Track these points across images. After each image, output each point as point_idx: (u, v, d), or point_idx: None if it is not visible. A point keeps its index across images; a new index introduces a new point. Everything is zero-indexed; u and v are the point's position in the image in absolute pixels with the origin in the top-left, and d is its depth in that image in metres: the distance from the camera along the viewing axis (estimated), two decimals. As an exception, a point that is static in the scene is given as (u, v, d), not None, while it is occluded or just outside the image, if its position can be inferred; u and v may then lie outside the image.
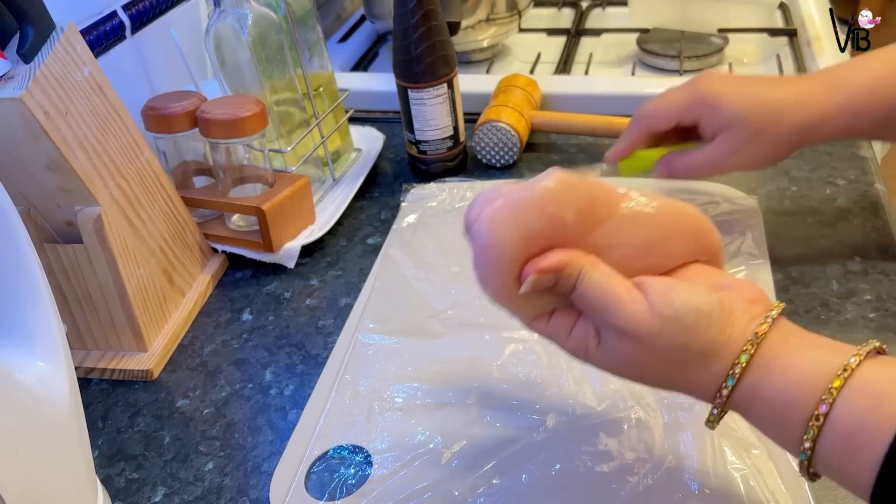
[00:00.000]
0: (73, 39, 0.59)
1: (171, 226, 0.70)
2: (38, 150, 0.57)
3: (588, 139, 0.88)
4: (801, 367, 0.39)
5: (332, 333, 0.66)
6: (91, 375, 0.65)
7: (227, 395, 0.62)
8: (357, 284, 0.71)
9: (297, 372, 0.64)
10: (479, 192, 0.44)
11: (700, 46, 1.04)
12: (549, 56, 1.11)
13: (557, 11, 1.24)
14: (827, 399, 0.37)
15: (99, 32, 0.82)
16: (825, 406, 0.37)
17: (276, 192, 0.73)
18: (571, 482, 0.51)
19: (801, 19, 1.04)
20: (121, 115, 0.63)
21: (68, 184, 0.59)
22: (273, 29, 0.73)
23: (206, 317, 0.71)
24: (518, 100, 0.86)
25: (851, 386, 0.37)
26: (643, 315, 0.41)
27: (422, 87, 0.78)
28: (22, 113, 0.54)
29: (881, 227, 0.69)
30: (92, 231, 0.61)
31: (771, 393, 0.40)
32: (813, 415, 0.38)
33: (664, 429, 0.53)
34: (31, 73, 0.55)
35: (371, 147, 0.87)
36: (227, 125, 0.69)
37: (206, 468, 0.57)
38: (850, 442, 0.37)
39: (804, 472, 0.39)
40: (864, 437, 0.36)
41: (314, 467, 0.54)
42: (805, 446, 0.38)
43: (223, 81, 0.76)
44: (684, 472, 0.50)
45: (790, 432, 0.39)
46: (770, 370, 0.40)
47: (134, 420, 0.61)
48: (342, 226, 0.80)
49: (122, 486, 0.56)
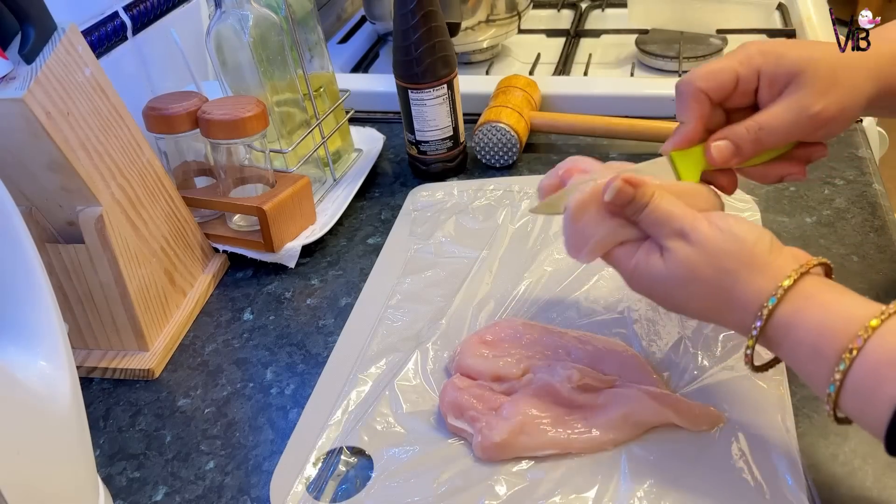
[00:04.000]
0: (75, 40, 0.59)
1: (172, 226, 0.70)
2: (40, 150, 0.57)
3: (587, 139, 0.88)
4: (842, 305, 0.43)
5: (333, 333, 0.67)
6: (92, 375, 0.66)
7: (227, 395, 0.63)
8: (357, 284, 0.72)
9: (298, 371, 0.64)
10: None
11: (699, 47, 1.04)
12: (549, 57, 1.11)
13: (557, 13, 1.24)
14: (863, 335, 0.40)
15: (100, 33, 0.83)
16: (860, 340, 0.40)
17: (276, 192, 0.73)
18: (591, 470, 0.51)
19: (799, 20, 1.05)
20: (122, 115, 0.64)
21: (70, 184, 0.59)
22: (274, 30, 0.73)
23: (207, 316, 0.71)
24: (517, 100, 0.86)
25: (888, 326, 0.41)
26: (703, 224, 0.47)
27: (422, 87, 0.78)
28: (23, 113, 0.54)
29: (879, 227, 0.70)
30: (93, 231, 0.61)
31: (810, 322, 0.43)
32: (847, 347, 0.41)
33: None
34: (32, 73, 0.55)
35: (371, 147, 0.88)
36: (228, 126, 0.70)
37: (206, 467, 0.57)
38: (875, 375, 0.40)
39: (830, 410, 0.42)
40: (889, 371, 0.39)
41: (315, 467, 0.54)
42: (835, 378, 0.41)
43: (224, 82, 0.76)
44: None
45: (823, 364, 0.42)
46: (811, 302, 0.44)
47: (135, 419, 0.62)
48: (342, 226, 0.80)
49: (123, 484, 0.56)
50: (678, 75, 1.01)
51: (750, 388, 0.55)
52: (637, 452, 0.52)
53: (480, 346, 0.59)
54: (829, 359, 0.42)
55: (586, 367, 0.56)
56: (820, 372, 0.42)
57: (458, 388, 0.56)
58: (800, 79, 0.50)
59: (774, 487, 0.49)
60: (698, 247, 0.47)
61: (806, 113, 0.50)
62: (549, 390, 0.55)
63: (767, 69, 0.51)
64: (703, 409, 0.53)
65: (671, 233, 0.48)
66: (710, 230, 0.47)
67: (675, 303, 0.50)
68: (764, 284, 0.45)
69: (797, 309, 0.44)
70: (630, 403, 0.53)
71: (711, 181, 0.54)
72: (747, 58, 0.52)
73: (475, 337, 0.60)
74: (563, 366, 0.56)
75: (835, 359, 0.41)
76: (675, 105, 0.54)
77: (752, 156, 0.52)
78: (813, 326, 0.43)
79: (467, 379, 0.57)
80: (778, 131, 0.51)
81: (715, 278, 0.46)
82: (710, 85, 0.52)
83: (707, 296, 0.47)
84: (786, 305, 0.44)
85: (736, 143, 0.52)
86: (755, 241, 0.46)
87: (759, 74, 0.51)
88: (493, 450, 0.52)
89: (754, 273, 0.46)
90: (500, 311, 0.65)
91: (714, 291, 0.47)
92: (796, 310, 0.44)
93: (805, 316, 0.44)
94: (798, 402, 0.54)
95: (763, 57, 0.51)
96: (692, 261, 0.47)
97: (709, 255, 0.46)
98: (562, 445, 0.52)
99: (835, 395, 0.41)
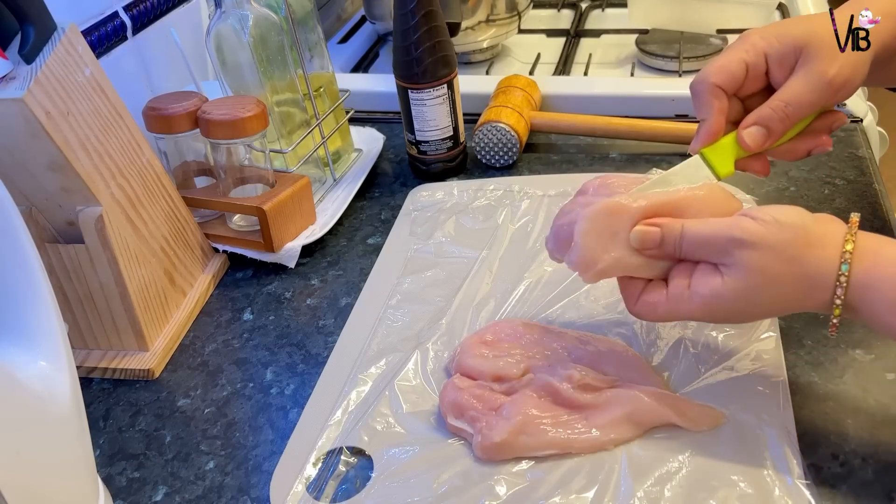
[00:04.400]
0: (75, 40, 0.59)
1: (172, 226, 0.70)
2: (40, 150, 0.57)
3: (587, 139, 0.88)
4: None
5: (333, 333, 0.67)
6: (92, 375, 0.66)
7: (227, 395, 0.63)
8: (357, 284, 0.72)
9: (298, 371, 0.64)
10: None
11: (699, 47, 1.04)
12: (549, 57, 1.11)
13: (557, 12, 1.24)
14: None
15: (100, 33, 0.83)
16: None
17: (276, 192, 0.73)
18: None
19: (800, 20, 1.05)
20: (122, 115, 0.64)
21: (70, 184, 0.59)
22: (274, 30, 0.73)
23: (207, 316, 0.71)
24: (518, 100, 0.86)
25: None
26: (751, 224, 0.47)
27: (422, 87, 0.78)
28: (23, 113, 0.54)
29: (880, 227, 0.70)
30: (93, 231, 0.61)
31: (887, 277, 0.45)
32: None
33: None
34: (32, 73, 0.55)
35: (371, 147, 0.88)
36: (227, 126, 0.70)
37: (206, 467, 0.57)
38: None
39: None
40: None
41: (315, 467, 0.54)
42: None
43: (224, 82, 0.76)
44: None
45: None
46: (880, 258, 0.45)
47: (135, 419, 0.62)
48: (342, 226, 0.80)
49: (123, 485, 0.56)
50: (678, 75, 1.01)
51: (750, 388, 0.55)
52: (637, 452, 0.52)
53: (480, 346, 0.59)
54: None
55: (586, 367, 0.56)
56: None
57: (458, 388, 0.56)
58: (807, 50, 0.52)
59: (775, 487, 0.49)
60: (760, 248, 0.46)
61: (823, 79, 0.52)
62: (550, 390, 0.55)
63: (773, 50, 0.53)
64: (703, 409, 0.53)
65: (724, 247, 0.48)
66: (760, 227, 0.47)
67: (757, 311, 0.50)
68: (830, 255, 0.46)
69: (868, 268, 0.45)
70: (630, 403, 0.53)
71: (746, 168, 0.56)
72: (751, 45, 0.54)
73: (475, 337, 0.60)
74: (564, 366, 0.56)
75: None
76: (693, 105, 0.55)
77: (782, 134, 0.54)
78: (890, 281, 0.45)
79: (467, 379, 0.57)
80: (802, 103, 0.52)
81: (788, 271, 0.47)
82: (723, 78, 0.54)
83: (787, 291, 0.47)
84: (857, 267, 0.45)
85: (766, 125, 0.53)
86: (803, 220, 0.47)
87: (766, 57, 0.53)
88: (493, 450, 0.52)
89: (816, 249, 0.46)
90: (500, 311, 0.65)
91: (792, 284, 0.47)
92: (868, 269, 0.45)
93: (879, 273, 0.45)
94: (798, 401, 0.54)
95: (765, 41, 0.53)
96: (762, 263, 0.47)
97: (774, 251, 0.46)
98: (562, 445, 0.52)
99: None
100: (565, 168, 0.85)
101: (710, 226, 0.49)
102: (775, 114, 0.53)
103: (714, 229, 0.48)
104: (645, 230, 0.50)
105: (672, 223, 0.50)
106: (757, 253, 0.46)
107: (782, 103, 0.52)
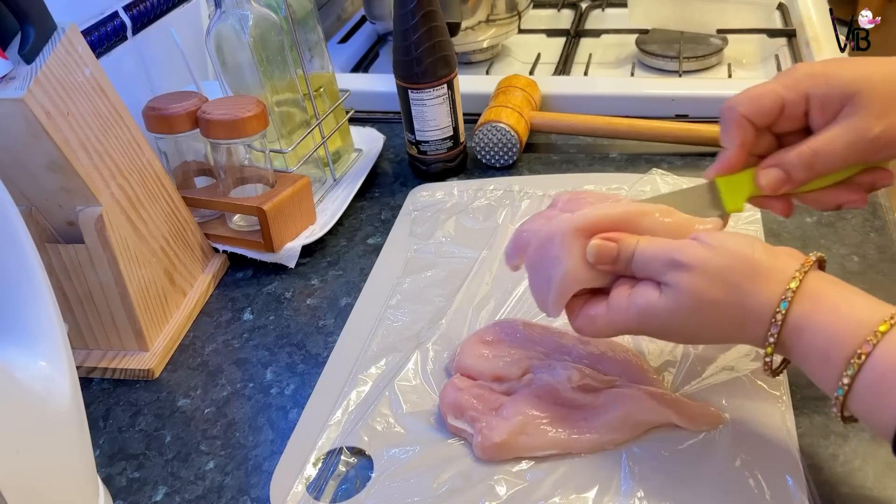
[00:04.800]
0: (75, 40, 0.59)
1: (172, 226, 0.70)
2: (40, 150, 0.57)
3: (587, 139, 0.88)
4: (852, 308, 0.43)
5: (333, 333, 0.67)
6: (92, 375, 0.66)
7: (227, 395, 0.63)
8: (357, 284, 0.72)
9: (298, 371, 0.64)
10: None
11: (699, 47, 1.04)
12: (549, 57, 1.11)
13: (557, 12, 1.24)
14: (872, 340, 0.40)
15: (100, 33, 0.83)
16: (869, 346, 0.40)
17: (276, 192, 0.73)
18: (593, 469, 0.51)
19: (799, 20, 1.05)
20: (122, 115, 0.64)
21: (70, 184, 0.59)
22: (274, 30, 0.73)
23: (207, 316, 0.71)
24: (518, 100, 0.86)
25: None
26: (695, 247, 0.46)
27: (422, 87, 0.78)
28: (23, 113, 0.54)
29: (880, 227, 0.70)
30: (93, 231, 0.61)
31: (821, 324, 0.43)
32: (856, 353, 0.40)
33: None
34: (32, 73, 0.55)
35: (371, 147, 0.88)
36: (227, 126, 0.70)
37: (206, 467, 0.57)
38: (883, 382, 0.40)
39: (838, 411, 0.42)
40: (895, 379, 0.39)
41: (315, 467, 0.54)
42: (843, 382, 0.41)
43: (224, 82, 0.76)
44: None
45: (832, 368, 0.42)
46: (820, 303, 0.43)
47: (135, 419, 0.62)
48: (342, 226, 0.80)
49: (123, 485, 0.56)
50: (678, 75, 1.01)
51: (750, 388, 0.55)
52: (637, 452, 0.52)
53: (480, 346, 0.59)
54: (838, 363, 0.41)
55: (586, 367, 0.56)
56: (829, 375, 0.42)
57: (458, 389, 0.56)
58: (856, 100, 0.46)
59: (775, 487, 0.49)
60: (697, 271, 0.45)
61: (865, 136, 0.47)
62: (550, 390, 0.55)
63: (817, 92, 0.48)
64: (703, 409, 0.53)
65: (664, 267, 0.47)
66: (703, 251, 0.46)
67: (689, 334, 0.49)
68: (772, 289, 0.44)
69: (807, 311, 0.43)
70: (630, 403, 0.53)
71: (765, 206, 0.53)
72: (794, 81, 0.49)
73: (475, 337, 0.60)
74: (564, 366, 0.56)
75: (844, 363, 0.41)
76: (720, 129, 0.52)
77: (804, 182, 0.50)
78: (823, 330, 0.43)
79: (467, 379, 0.57)
80: (834, 157, 0.48)
81: (724, 297, 0.45)
82: (752, 110, 0.50)
83: (720, 317, 0.46)
84: (796, 307, 0.44)
85: (787, 171, 0.49)
86: (752, 250, 0.45)
87: (807, 98, 0.48)
88: (493, 450, 0.52)
89: (760, 281, 0.45)
90: (500, 311, 0.65)
91: (726, 310, 0.46)
92: (806, 312, 0.43)
93: (815, 319, 0.43)
94: (798, 402, 0.54)
95: (811, 79, 0.48)
96: (696, 286, 0.45)
97: (710, 275, 0.45)
98: (562, 445, 0.52)
99: (843, 399, 0.41)
100: (565, 168, 0.85)
101: (657, 245, 0.48)
102: (800, 161, 0.48)
103: (658, 249, 0.48)
104: (602, 244, 0.49)
105: (627, 239, 0.49)
106: (691, 276, 0.45)
107: (811, 151, 0.48)
